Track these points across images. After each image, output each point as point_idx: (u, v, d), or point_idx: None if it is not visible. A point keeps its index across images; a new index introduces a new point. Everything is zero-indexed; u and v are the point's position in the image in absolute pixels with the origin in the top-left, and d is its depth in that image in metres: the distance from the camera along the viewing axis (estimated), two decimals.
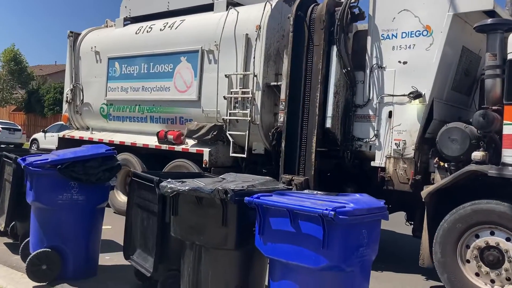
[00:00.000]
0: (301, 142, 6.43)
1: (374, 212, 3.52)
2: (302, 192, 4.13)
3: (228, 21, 7.47)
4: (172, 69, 8.22)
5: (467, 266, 5.03)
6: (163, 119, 8.37)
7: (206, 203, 3.87)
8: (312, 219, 3.25)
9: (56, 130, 23.58)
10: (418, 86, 5.75)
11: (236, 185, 3.95)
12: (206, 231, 3.88)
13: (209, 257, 3.91)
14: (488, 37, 5.38)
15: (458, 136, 5.34)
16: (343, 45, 6.26)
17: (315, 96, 6.34)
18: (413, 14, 5.88)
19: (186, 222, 4.04)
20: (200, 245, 3.94)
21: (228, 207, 3.76)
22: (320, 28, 6.39)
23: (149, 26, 8.84)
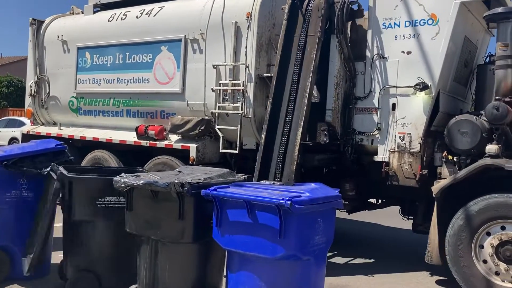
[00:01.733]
0: (284, 134, 5.86)
1: (330, 200, 3.63)
2: (259, 183, 4.20)
3: (214, 8, 6.98)
4: (152, 59, 7.64)
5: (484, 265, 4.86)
6: (142, 113, 7.79)
7: (162, 197, 3.84)
8: (269, 209, 3.33)
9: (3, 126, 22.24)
10: (424, 77, 5.54)
11: (192, 178, 3.90)
12: (162, 226, 3.87)
13: (166, 251, 3.91)
14: (499, 26, 5.24)
15: (469, 128, 5.16)
16: (343, 36, 5.94)
17: (305, 86, 5.90)
18: (418, 2, 5.65)
19: (142, 217, 4.02)
20: (156, 240, 3.93)
21: (184, 200, 3.75)
22: (318, 16, 6.04)
23: (123, 13, 8.19)
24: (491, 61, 5.97)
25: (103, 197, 4.40)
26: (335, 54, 6.02)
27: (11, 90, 32.02)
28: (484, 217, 4.79)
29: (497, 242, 4.77)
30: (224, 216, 3.58)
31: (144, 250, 4.05)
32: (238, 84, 6.65)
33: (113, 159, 7.96)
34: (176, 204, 3.76)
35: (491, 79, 5.64)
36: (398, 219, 6.95)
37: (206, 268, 4.04)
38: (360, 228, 8.54)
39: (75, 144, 8.49)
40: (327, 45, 6.06)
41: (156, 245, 3.95)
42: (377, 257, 6.55)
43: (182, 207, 3.76)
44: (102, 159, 8.12)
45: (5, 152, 4.92)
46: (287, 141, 5.73)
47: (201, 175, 4.07)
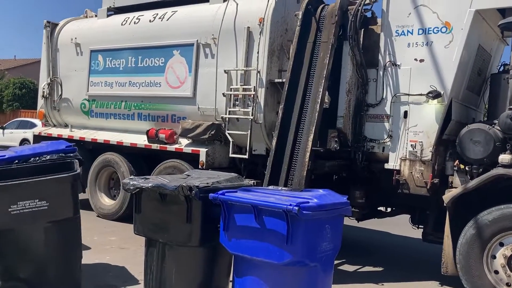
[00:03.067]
0: (296, 140, 5.82)
1: (338, 207, 3.66)
2: (267, 188, 4.16)
3: (227, 13, 7.01)
4: (164, 63, 7.69)
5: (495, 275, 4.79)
6: (153, 116, 7.83)
7: (170, 200, 3.86)
8: (277, 214, 3.32)
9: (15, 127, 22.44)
10: (436, 85, 5.50)
11: (201, 181, 3.93)
12: (170, 229, 3.90)
13: (173, 254, 3.94)
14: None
15: (482, 138, 5.11)
16: (356, 42, 5.92)
17: (317, 92, 5.88)
18: (431, 10, 5.61)
19: (150, 219, 4.04)
20: (164, 243, 3.95)
21: (192, 204, 3.78)
22: (331, 22, 6.03)
23: (137, 17, 8.26)
24: (505, 70, 5.91)
25: (15, 203, 4.10)
26: (347, 61, 6.00)
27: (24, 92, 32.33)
28: (498, 227, 4.73)
29: (510, 253, 4.71)
30: (232, 220, 3.59)
31: (151, 253, 4.06)
32: (249, 89, 6.66)
33: (124, 162, 8.00)
34: (184, 207, 3.79)
35: (504, 88, 5.57)
36: (408, 228, 6.88)
37: (213, 272, 4.06)
38: (370, 236, 8.47)
39: (86, 146, 8.57)
40: (340, 52, 6.04)
41: (164, 248, 3.97)
42: (386, 266, 6.50)
43: (190, 210, 3.79)
44: (113, 162, 8.17)
45: (16, 152, 4.95)
46: (298, 147, 5.72)
47: (209, 179, 4.10)
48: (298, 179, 5.51)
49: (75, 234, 4.55)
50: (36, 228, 4.24)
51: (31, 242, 4.27)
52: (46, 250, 4.32)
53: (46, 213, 4.20)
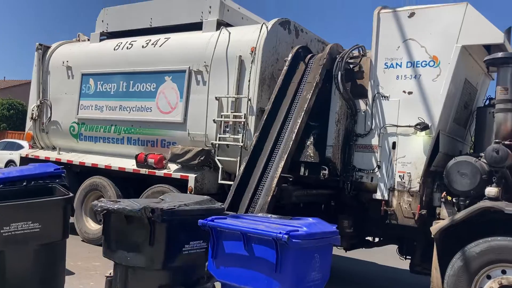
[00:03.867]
0: (266, 167, 5.81)
1: (327, 236, 3.68)
2: (257, 215, 4.18)
3: (220, 42, 7.11)
4: (155, 88, 7.73)
5: None
6: (143, 141, 7.81)
7: (135, 222, 3.87)
8: (266, 242, 3.32)
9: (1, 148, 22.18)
10: (424, 117, 5.60)
11: (169, 204, 3.93)
12: (133, 251, 3.89)
13: (136, 277, 3.92)
14: (499, 71, 5.34)
15: (468, 170, 5.18)
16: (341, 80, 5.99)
17: (295, 122, 5.96)
18: (419, 44, 5.76)
19: (115, 242, 4.03)
20: (127, 266, 3.95)
21: (156, 226, 3.78)
22: (319, 64, 6.20)
23: (130, 42, 8.33)
24: (490, 104, 6.03)
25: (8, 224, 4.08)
26: (335, 96, 6.10)
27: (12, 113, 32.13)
28: (485, 260, 4.75)
29: (497, 286, 4.71)
30: (220, 247, 3.57)
31: (116, 275, 4.07)
32: (239, 116, 6.71)
33: (111, 186, 7.92)
34: (148, 230, 3.80)
35: (490, 121, 5.70)
36: (395, 259, 6.87)
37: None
38: (357, 266, 8.43)
39: (73, 169, 8.49)
40: (330, 84, 6.15)
41: (127, 271, 3.97)
42: None
43: (153, 233, 3.79)
44: (100, 186, 8.09)
45: (3, 174, 4.88)
46: (268, 173, 5.75)
47: (178, 202, 4.08)
48: (261, 204, 5.47)
49: (60, 258, 4.48)
50: (25, 251, 4.19)
51: (17, 265, 4.19)
52: (31, 274, 4.25)
53: (38, 236, 4.15)
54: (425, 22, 5.75)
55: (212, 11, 7.61)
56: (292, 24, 7.13)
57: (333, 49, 6.38)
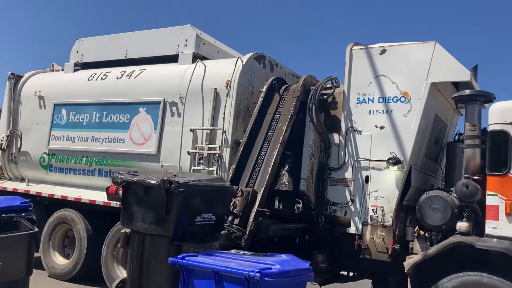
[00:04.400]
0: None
1: (301, 273, 3.68)
2: (229, 252, 4.22)
3: (195, 74, 7.14)
4: (129, 119, 7.65)
5: None
6: (114, 173, 7.63)
7: (153, 193, 4.23)
8: (238, 281, 3.33)
9: None
10: (396, 152, 5.67)
11: (183, 179, 4.30)
12: (150, 220, 4.26)
13: (153, 243, 4.26)
14: (467, 108, 5.47)
15: (440, 205, 5.24)
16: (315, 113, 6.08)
17: (271, 155, 5.98)
18: (391, 80, 5.90)
19: (133, 211, 4.41)
20: (143, 233, 4.29)
21: (172, 197, 4.14)
22: (293, 96, 6.28)
23: (104, 73, 8.28)
24: (460, 139, 6.16)
25: None
26: (309, 128, 6.15)
27: None
28: None
29: None
30: (191, 286, 3.51)
31: (133, 242, 4.41)
32: (214, 149, 6.68)
33: (81, 219, 7.71)
34: (165, 200, 4.15)
35: (460, 156, 5.79)
36: None
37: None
38: None
39: (42, 201, 8.24)
40: (302, 124, 6.21)
41: (144, 238, 4.31)
42: None
43: (170, 203, 4.16)
44: (69, 219, 7.86)
45: None
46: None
47: (191, 178, 4.49)
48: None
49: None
50: None
51: None
52: None
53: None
54: (396, 59, 5.90)
55: (188, 44, 7.67)
56: (267, 58, 7.23)
57: (307, 81, 6.46)
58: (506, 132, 4.93)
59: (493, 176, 4.96)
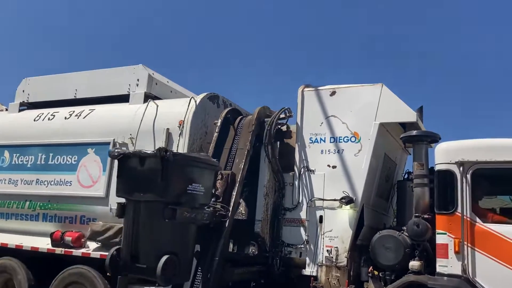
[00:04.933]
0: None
1: None
2: None
3: (147, 114, 7.01)
4: (77, 161, 7.35)
5: None
6: (60, 217, 7.27)
7: (148, 162, 4.64)
8: None
9: None
10: (348, 191, 5.72)
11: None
12: (146, 187, 4.63)
13: (148, 209, 4.65)
14: (415, 147, 5.63)
15: (393, 244, 5.28)
16: (271, 150, 6.10)
17: (230, 196, 5.90)
18: (341, 121, 6.02)
19: (129, 181, 4.79)
20: (139, 201, 4.68)
21: (168, 165, 4.54)
22: (248, 131, 6.27)
23: (52, 113, 8.00)
24: (409, 178, 6.31)
25: None
26: (265, 165, 6.13)
27: None
28: None
29: None
30: None
31: (128, 211, 4.76)
32: None
33: (22, 268, 7.18)
34: (160, 167, 4.54)
35: (410, 194, 5.91)
36: None
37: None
38: None
39: None
40: (257, 157, 6.18)
41: (139, 205, 4.70)
42: None
43: (165, 169, 4.53)
44: (9, 268, 7.31)
45: None
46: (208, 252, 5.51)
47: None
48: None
49: None
50: None
51: None
52: None
53: None
54: (345, 101, 6.05)
55: (140, 84, 7.56)
56: (220, 98, 7.23)
57: (261, 113, 6.45)
58: (452, 171, 5.08)
59: (441, 214, 5.07)
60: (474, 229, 4.85)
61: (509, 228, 4.76)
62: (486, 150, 5.00)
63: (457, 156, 5.06)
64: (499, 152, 4.91)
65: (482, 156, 4.97)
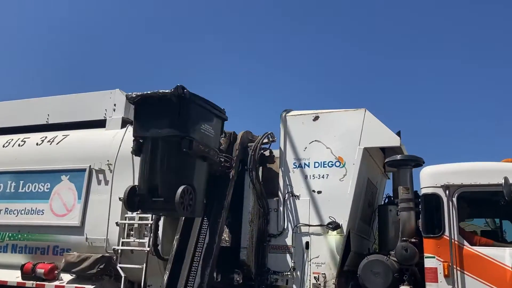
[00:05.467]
0: (190, 274, 5.56)
1: None
2: None
3: (126, 139, 6.80)
4: (49, 189, 7.05)
5: None
6: (31, 248, 6.91)
7: (166, 101, 5.03)
8: None
9: None
10: (335, 216, 5.69)
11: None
12: (163, 124, 5.07)
13: (165, 144, 5.10)
14: (400, 172, 5.68)
15: (381, 269, 5.24)
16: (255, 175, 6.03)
17: (215, 222, 5.78)
18: (325, 146, 6.02)
19: (147, 120, 5.17)
20: (156, 137, 5.11)
21: (185, 102, 5.01)
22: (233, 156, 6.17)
23: (22, 139, 7.69)
24: (390, 202, 6.35)
25: None
26: (249, 190, 6.04)
27: None
28: None
29: None
30: None
31: (146, 149, 5.20)
32: (146, 218, 6.28)
33: None
34: (177, 105, 4.98)
35: (392, 219, 5.93)
36: None
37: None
38: None
39: None
40: (242, 182, 6.09)
41: (157, 141, 5.13)
42: None
43: (181, 107, 4.99)
44: None
45: None
46: (192, 281, 5.36)
47: None
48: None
49: None
50: None
51: None
52: None
53: None
54: (329, 126, 6.08)
55: (117, 109, 7.39)
56: None
57: (244, 138, 6.37)
58: (438, 195, 5.13)
59: (429, 238, 5.08)
60: (463, 252, 4.88)
61: (497, 250, 4.81)
62: (471, 173, 5.08)
63: (443, 180, 5.12)
64: (484, 175, 5.00)
65: (467, 179, 5.04)
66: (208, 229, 5.68)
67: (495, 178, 4.83)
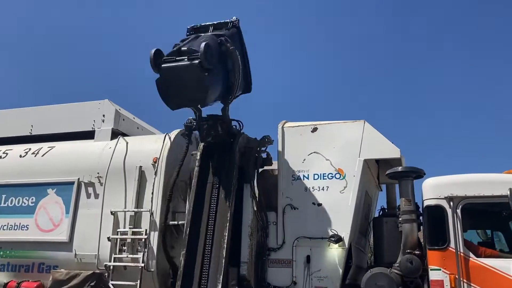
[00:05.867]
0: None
1: None
2: None
3: (116, 151, 6.61)
4: (34, 203, 6.73)
5: None
6: (14, 266, 6.56)
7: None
8: None
9: None
10: (336, 229, 5.61)
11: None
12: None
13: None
14: (401, 184, 5.64)
15: (385, 282, 5.19)
16: (255, 184, 5.92)
17: (221, 236, 5.62)
18: (324, 157, 5.97)
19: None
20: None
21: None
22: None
23: (4, 151, 7.36)
24: (384, 214, 6.33)
25: None
26: (248, 203, 5.90)
27: None
28: None
29: None
30: None
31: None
32: (140, 233, 6.06)
33: None
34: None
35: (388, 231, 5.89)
36: None
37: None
38: None
39: None
40: (240, 195, 5.95)
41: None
42: None
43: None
44: None
45: None
46: None
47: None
48: None
49: None
50: None
51: None
52: None
53: None
54: (328, 137, 6.04)
55: (106, 120, 7.17)
56: (193, 134, 6.97)
57: (241, 144, 6.15)
58: (442, 206, 5.13)
59: (434, 250, 5.06)
60: (469, 264, 4.88)
61: (502, 262, 4.82)
62: (474, 184, 5.11)
63: (446, 191, 5.13)
64: (487, 186, 5.03)
65: (470, 191, 5.06)
66: (212, 243, 5.49)
67: (499, 189, 4.87)
